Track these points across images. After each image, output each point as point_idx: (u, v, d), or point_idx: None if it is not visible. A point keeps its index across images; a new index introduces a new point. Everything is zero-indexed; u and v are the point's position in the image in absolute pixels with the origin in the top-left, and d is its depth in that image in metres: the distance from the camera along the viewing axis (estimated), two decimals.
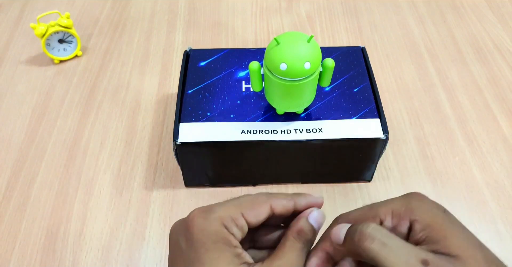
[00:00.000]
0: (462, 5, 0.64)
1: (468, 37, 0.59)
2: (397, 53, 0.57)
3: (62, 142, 0.47)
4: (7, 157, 0.46)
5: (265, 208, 0.26)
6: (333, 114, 0.39)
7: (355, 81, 0.42)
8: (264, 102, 0.40)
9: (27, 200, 0.42)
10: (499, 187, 0.43)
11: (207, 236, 0.24)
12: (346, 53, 0.44)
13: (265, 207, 0.26)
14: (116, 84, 0.53)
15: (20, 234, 0.40)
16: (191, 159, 0.40)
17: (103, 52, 0.57)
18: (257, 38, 0.59)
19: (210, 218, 0.25)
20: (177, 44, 0.58)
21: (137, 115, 0.50)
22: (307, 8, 0.64)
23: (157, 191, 0.43)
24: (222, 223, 0.25)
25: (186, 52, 0.44)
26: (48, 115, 0.50)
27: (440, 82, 0.53)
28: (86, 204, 0.42)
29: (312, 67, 0.33)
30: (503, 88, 0.53)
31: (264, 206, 0.26)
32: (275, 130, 0.38)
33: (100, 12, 0.63)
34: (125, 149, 0.46)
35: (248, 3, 0.65)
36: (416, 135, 0.48)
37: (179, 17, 0.63)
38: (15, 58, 0.57)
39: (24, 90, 0.53)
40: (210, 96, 0.41)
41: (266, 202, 0.26)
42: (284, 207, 0.27)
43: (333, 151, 0.39)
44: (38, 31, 0.52)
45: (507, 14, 0.63)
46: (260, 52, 0.45)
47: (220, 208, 0.25)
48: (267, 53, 0.33)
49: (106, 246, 0.39)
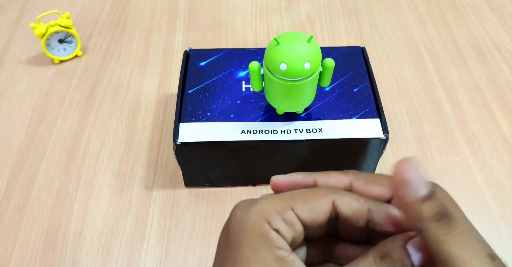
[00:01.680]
0: (462, 5, 0.64)
1: (468, 37, 0.59)
2: (397, 53, 0.57)
3: (62, 142, 0.47)
4: (7, 157, 0.46)
5: (325, 203, 0.21)
6: (333, 114, 0.39)
7: (355, 81, 0.42)
8: (264, 102, 0.40)
9: (27, 200, 0.42)
10: (499, 187, 0.43)
11: (243, 230, 0.20)
12: (346, 53, 0.44)
13: (324, 202, 0.21)
14: (116, 84, 0.53)
15: (20, 234, 0.40)
16: (191, 159, 0.40)
17: (103, 52, 0.57)
18: (257, 38, 0.59)
19: (250, 210, 0.20)
20: (177, 44, 0.59)
21: (137, 115, 0.50)
22: (307, 8, 0.64)
23: (157, 191, 0.43)
24: (264, 216, 0.20)
25: (186, 52, 0.44)
26: (48, 115, 0.50)
27: (440, 82, 0.53)
28: (86, 204, 0.42)
29: (312, 67, 0.33)
30: (503, 88, 0.53)
31: (323, 201, 0.21)
32: (275, 130, 0.38)
33: (100, 12, 0.63)
34: (125, 149, 0.46)
35: (248, 3, 0.65)
36: (416, 135, 0.48)
37: (179, 17, 0.63)
38: (15, 58, 0.57)
39: (24, 90, 0.53)
40: (210, 96, 0.41)
41: (325, 196, 0.21)
42: (352, 209, 0.21)
43: (333, 151, 0.39)
44: (38, 31, 0.52)
45: (507, 14, 0.63)
46: (260, 52, 0.45)
47: (266, 200, 0.21)
48: (267, 53, 0.33)
49: (106, 246, 0.39)
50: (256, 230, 0.20)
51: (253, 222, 0.20)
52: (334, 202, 0.21)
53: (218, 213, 0.41)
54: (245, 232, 0.20)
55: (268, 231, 0.20)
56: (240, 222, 0.20)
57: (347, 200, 0.21)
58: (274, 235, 0.20)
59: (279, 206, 0.20)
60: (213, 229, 0.40)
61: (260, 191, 0.43)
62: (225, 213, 0.41)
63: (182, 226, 0.40)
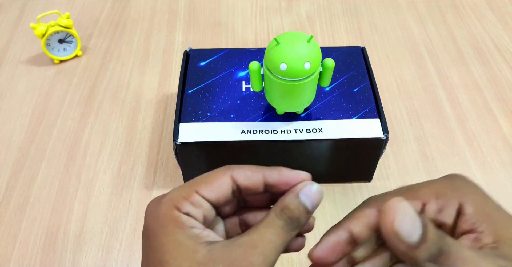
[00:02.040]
0: (462, 5, 0.64)
1: (468, 37, 0.59)
2: (397, 53, 0.57)
3: (62, 142, 0.47)
4: (7, 157, 0.46)
5: (224, 180, 0.23)
6: (333, 114, 0.39)
7: (355, 81, 0.42)
8: (264, 102, 0.40)
9: (27, 200, 0.42)
10: (499, 187, 0.43)
11: (156, 221, 0.22)
12: (346, 53, 0.44)
13: (223, 179, 0.23)
14: (116, 84, 0.53)
15: (20, 234, 0.40)
16: (191, 159, 0.40)
17: (103, 52, 0.57)
18: (257, 38, 0.59)
19: (160, 202, 0.23)
20: (177, 44, 0.59)
21: (137, 115, 0.50)
22: (307, 8, 0.64)
23: (157, 191, 0.43)
24: (172, 204, 0.22)
25: (186, 52, 0.44)
26: (48, 115, 0.50)
27: (440, 82, 0.53)
28: (86, 204, 0.42)
29: (312, 67, 0.33)
30: (503, 88, 0.53)
31: (222, 178, 0.23)
32: (275, 130, 0.38)
33: (100, 12, 0.63)
34: (125, 149, 0.46)
35: (248, 3, 0.65)
36: (416, 135, 0.48)
37: (179, 17, 0.63)
38: (15, 58, 0.57)
39: (24, 90, 0.53)
40: (210, 96, 0.41)
41: (224, 173, 0.23)
42: (248, 178, 0.23)
43: (333, 151, 0.39)
44: (38, 31, 0.52)
45: (507, 14, 0.63)
46: (260, 52, 0.45)
47: (172, 191, 0.23)
48: (267, 53, 0.33)
49: (106, 246, 0.39)
50: (167, 217, 0.22)
51: (164, 211, 0.22)
52: (232, 176, 0.23)
53: None
54: (158, 221, 0.22)
55: (178, 215, 0.22)
56: (153, 215, 0.23)
57: (243, 172, 0.24)
58: (184, 217, 0.22)
59: (184, 193, 0.23)
60: None
61: None
62: None
63: None
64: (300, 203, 0.23)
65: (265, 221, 0.23)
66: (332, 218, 0.41)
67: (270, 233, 0.22)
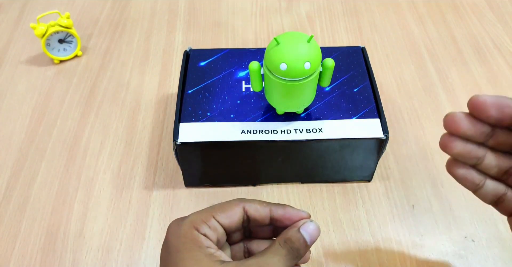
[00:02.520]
0: (462, 5, 0.64)
1: (468, 37, 0.59)
2: (397, 53, 0.57)
3: (62, 142, 0.47)
4: (7, 157, 0.46)
5: (237, 210, 0.28)
6: (333, 114, 0.39)
7: (355, 81, 0.42)
8: (264, 102, 0.40)
9: (27, 200, 0.42)
10: None
11: (178, 238, 0.26)
12: (346, 53, 0.44)
13: (236, 209, 0.28)
14: (116, 84, 0.53)
15: (20, 234, 0.40)
16: (191, 159, 0.40)
17: (103, 52, 0.57)
18: (257, 38, 0.59)
19: (182, 223, 0.27)
20: (177, 44, 0.59)
21: (137, 115, 0.50)
22: (307, 8, 0.64)
23: (157, 191, 0.43)
24: (192, 226, 0.26)
25: (186, 52, 0.44)
26: (48, 115, 0.50)
27: (440, 82, 0.53)
28: (86, 204, 0.42)
29: (312, 67, 0.33)
30: (503, 88, 0.53)
31: (236, 208, 0.28)
32: (275, 130, 0.38)
33: (100, 12, 0.63)
34: (125, 149, 0.46)
35: (248, 3, 0.65)
36: (416, 135, 0.48)
37: (179, 17, 0.63)
38: (15, 58, 0.57)
39: (24, 90, 0.53)
40: (210, 96, 0.41)
41: (238, 204, 0.28)
42: (257, 211, 0.28)
43: (333, 151, 0.39)
44: (38, 31, 0.52)
45: (507, 14, 0.63)
46: (260, 52, 0.45)
47: (193, 214, 0.28)
48: (267, 53, 0.33)
49: (106, 246, 0.39)
50: (188, 236, 0.26)
51: (185, 231, 0.26)
52: (244, 208, 0.28)
53: None
54: (179, 239, 0.26)
55: (197, 236, 0.26)
56: (175, 233, 0.27)
57: (253, 205, 0.28)
58: (202, 238, 0.26)
59: (203, 217, 0.27)
60: None
61: (260, 191, 0.43)
62: None
63: None
64: (301, 236, 0.27)
65: (271, 249, 0.26)
66: (332, 218, 0.41)
67: (276, 259, 0.26)
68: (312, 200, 0.42)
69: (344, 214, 0.41)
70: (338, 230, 0.40)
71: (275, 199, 0.42)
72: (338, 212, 0.41)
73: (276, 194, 0.43)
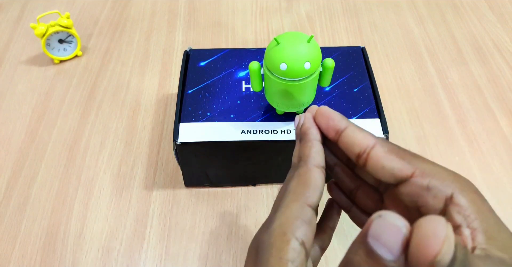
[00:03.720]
0: (462, 5, 0.64)
1: (468, 37, 0.59)
2: (397, 53, 0.57)
3: (62, 142, 0.47)
4: (7, 157, 0.46)
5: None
6: None
7: (355, 81, 0.42)
8: (264, 102, 0.40)
9: (27, 200, 0.42)
10: (499, 187, 0.43)
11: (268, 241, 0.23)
12: (346, 53, 0.44)
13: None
14: (116, 84, 0.53)
15: (20, 234, 0.40)
16: (191, 159, 0.40)
17: (103, 52, 0.57)
18: (257, 38, 0.59)
19: (271, 227, 0.23)
20: (177, 44, 0.59)
21: (137, 115, 0.50)
22: (307, 8, 0.64)
23: (157, 191, 0.43)
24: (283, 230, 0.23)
25: (186, 52, 0.44)
26: (48, 115, 0.50)
27: (440, 82, 0.53)
28: (86, 204, 0.42)
29: (312, 67, 0.33)
30: (503, 88, 0.53)
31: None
32: (275, 130, 0.38)
33: (100, 12, 0.63)
34: (125, 149, 0.46)
35: (248, 3, 0.65)
36: (416, 135, 0.48)
37: (179, 17, 0.63)
38: (15, 58, 0.57)
39: (24, 90, 0.53)
40: (210, 96, 0.41)
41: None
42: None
43: None
44: (38, 31, 0.52)
45: (507, 14, 0.63)
46: (260, 52, 0.45)
47: (283, 216, 0.23)
48: (267, 53, 0.33)
49: (106, 246, 0.39)
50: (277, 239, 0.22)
51: (275, 235, 0.22)
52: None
53: (218, 213, 0.41)
54: (270, 242, 0.22)
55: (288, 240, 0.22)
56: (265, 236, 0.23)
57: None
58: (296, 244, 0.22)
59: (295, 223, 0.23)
60: (213, 229, 0.40)
61: (260, 191, 0.43)
62: (225, 213, 0.41)
63: (182, 226, 0.40)
64: None
65: None
66: None
67: None
68: None
69: (344, 214, 0.41)
70: (338, 230, 0.40)
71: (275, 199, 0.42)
72: None
73: (276, 194, 0.43)
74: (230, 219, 0.41)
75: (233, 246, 0.39)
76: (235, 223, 0.41)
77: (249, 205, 0.42)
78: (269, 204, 0.42)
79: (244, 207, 0.42)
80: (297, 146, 0.26)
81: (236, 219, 0.41)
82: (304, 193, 0.23)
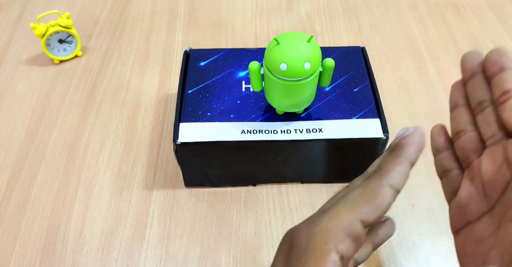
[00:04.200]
0: (462, 5, 0.64)
1: (468, 37, 0.59)
2: (397, 53, 0.57)
3: (62, 142, 0.47)
4: (7, 157, 0.46)
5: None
6: (333, 114, 0.39)
7: (355, 81, 0.42)
8: (264, 102, 0.40)
9: (27, 200, 0.42)
10: None
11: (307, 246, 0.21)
12: (346, 53, 0.44)
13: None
14: (116, 84, 0.53)
15: (20, 234, 0.40)
16: (191, 159, 0.40)
17: (103, 52, 0.57)
18: (257, 38, 0.59)
19: (314, 230, 0.21)
20: (177, 44, 0.59)
21: (137, 115, 0.50)
22: (307, 8, 0.64)
23: (157, 191, 0.43)
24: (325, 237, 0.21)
25: (186, 52, 0.44)
26: (48, 115, 0.50)
27: (440, 82, 0.53)
28: (86, 204, 0.42)
29: (312, 67, 0.33)
30: None
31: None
32: (275, 130, 0.38)
33: (100, 12, 0.63)
34: (125, 149, 0.46)
35: (248, 3, 0.65)
36: None
37: (179, 17, 0.63)
38: (15, 58, 0.57)
39: (24, 90, 0.53)
40: (210, 96, 0.41)
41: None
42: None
43: (333, 151, 0.39)
44: (38, 31, 0.52)
45: (507, 14, 0.63)
46: (260, 52, 0.45)
47: (328, 222, 0.22)
48: (267, 53, 0.33)
49: (106, 246, 0.39)
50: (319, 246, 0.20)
51: (316, 241, 0.21)
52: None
53: (218, 213, 0.41)
54: (308, 246, 0.21)
55: (329, 251, 0.20)
56: (303, 236, 0.21)
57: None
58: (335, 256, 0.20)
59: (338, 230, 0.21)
60: (213, 229, 0.40)
61: (260, 191, 0.43)
62: (225, 213, 0.41)
63: (182, 226, 0.40)
64: None
65: None
66: None
67: None
68: (312, 200, 0.42)
69: None
70: None
71: (275, 199, 0.42)
72: None
73: (276, 194, 0.43)
74: (230, 219, 0.41)
75: (233, 246, 0.39)
76: (235, 223, 0.41)
77: (249, 205, 0.42)
78: (269, 204, 0.42)
79: (244, 207, 0.42)
80: (382, 156, 0.24)
81: (236, 219, 0.41)
82: (363, 207, 0.21)
